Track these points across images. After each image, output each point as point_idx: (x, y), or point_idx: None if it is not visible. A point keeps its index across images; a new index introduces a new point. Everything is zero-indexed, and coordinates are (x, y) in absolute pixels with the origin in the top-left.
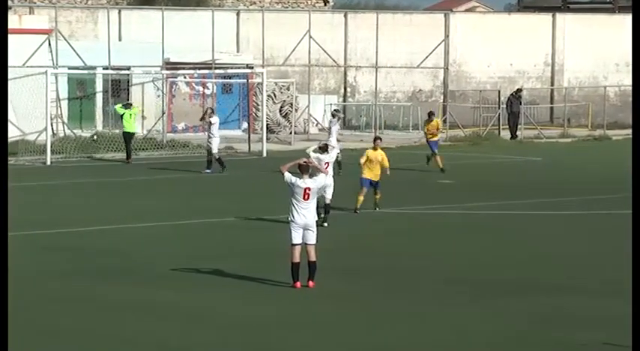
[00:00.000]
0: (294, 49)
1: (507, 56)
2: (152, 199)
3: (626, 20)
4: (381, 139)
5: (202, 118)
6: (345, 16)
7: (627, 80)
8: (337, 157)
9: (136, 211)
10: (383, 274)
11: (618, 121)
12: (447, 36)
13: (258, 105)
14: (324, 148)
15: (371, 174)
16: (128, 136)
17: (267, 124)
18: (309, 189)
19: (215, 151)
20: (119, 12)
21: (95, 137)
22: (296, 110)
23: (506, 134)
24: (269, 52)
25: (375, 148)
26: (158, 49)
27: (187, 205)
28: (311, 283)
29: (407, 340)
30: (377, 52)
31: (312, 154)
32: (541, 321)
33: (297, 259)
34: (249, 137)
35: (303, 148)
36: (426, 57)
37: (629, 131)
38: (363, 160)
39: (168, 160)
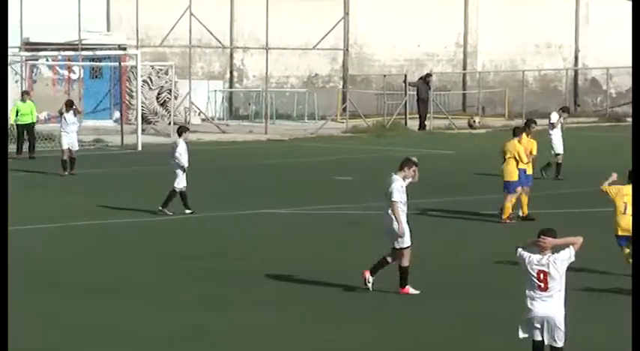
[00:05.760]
0: (172, 28)
1: (414, 37)
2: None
3: None
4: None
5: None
6: None
7: (548, 64)
8: (558, 159)
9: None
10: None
11: (538, 109)
12: (346, 13)
13: (132, 92)
14: None
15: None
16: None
17: (143, 114)
18: None
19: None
20: None
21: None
22: (175, 97)
23: (413, 124)
24: (144, 32)
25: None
26: (16, 27)
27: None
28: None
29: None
30: (267, 31)
31: None
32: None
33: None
34: (121, 128)
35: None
36: (323, 37)
37: None
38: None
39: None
